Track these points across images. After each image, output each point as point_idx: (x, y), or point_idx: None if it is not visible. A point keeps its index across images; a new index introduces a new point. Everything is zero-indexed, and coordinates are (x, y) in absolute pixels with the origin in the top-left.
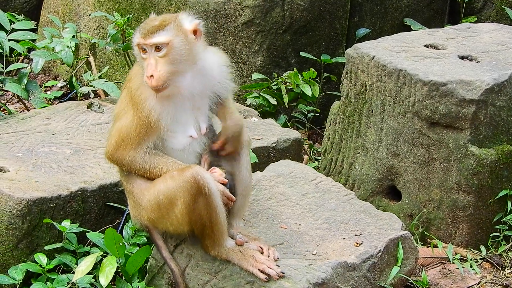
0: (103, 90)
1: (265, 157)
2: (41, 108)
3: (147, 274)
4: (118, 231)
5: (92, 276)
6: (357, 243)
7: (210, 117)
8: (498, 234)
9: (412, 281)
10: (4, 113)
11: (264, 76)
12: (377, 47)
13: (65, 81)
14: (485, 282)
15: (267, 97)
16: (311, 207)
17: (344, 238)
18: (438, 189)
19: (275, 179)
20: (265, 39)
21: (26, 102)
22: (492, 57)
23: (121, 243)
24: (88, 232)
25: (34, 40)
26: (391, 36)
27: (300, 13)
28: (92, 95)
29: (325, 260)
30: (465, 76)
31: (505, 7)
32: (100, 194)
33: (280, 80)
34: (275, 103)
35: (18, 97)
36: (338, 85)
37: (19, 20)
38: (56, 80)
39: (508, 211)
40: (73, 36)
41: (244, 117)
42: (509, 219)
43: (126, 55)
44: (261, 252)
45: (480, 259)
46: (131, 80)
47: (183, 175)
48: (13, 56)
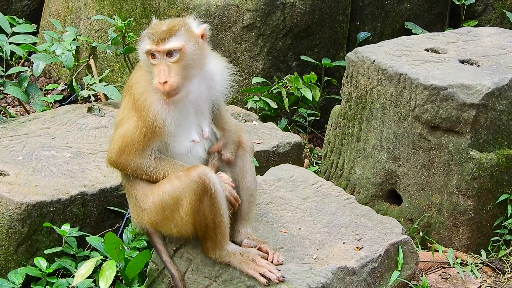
0: (104, 93)
1: (266, 161)
2: (42, 111)
3: (147, 278)
4: (118, 235)
5: (91, 280)
6: (357, 248)
7: (211, 121)
8: (499, 238)
9: (413, 286)
10: (5, 116)
11: (264, 80)
12: (377, 51)
13: (65, 84)
14: (486, 287)
15: (268, 100)
16: (311, 211)
17: (344, 243)
18: (439, 193)
19: (275, 183)
20: (266, 42)
21: (26, 105)
22: (492, 61)
23: (121, 247)
24: (88, 236)
25: (34, 44)
26: (391, 40)
27: (301, 16)
28: (92, 98)
29: (325, 265)
30: (466, 80)
31: (505, 11)
32: (100, 198)
33: (280, 83)
34: (276, 106)
35: (18, 100)
36: (339, 89)
37: (19, 23)
38: (57, 84)
39: (509, 215)
40: (74, 40)
41: (245, 121)
42: (509, 224)
43: (127, 59)
44: (266, 256)
45: (480, 263)
46: (134, 86)
47: (190, 175)
48: (14, 59)
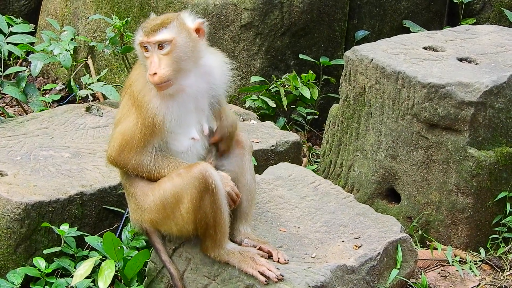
0: (102, 93)
1: (264, 160)
2: (40, 111)
3: (146, 278)
4: (117, 234)
5: (90, 280)
6: (356, 246)
7: (211, 118)
8: (497, 236)
9: (412, 284)
10: (3, 116)
11: (263, 79)
12: (376, 49)
13: (63, 84)
14: (485, 284)
15: (266, 99)
16: (310, 210)
17: (343, 241)
18: (437, 191)
19: (274, 182)
20: (264, 41)
21: (24, 105)
22: (491, 59)
23: (119, 247)
24: (86, 236)
25: (32, 43)
26: (390, 38)
27: (299, 15)
28: (90, 98)
29: (324, 263)
30: (464, 78)
31: (504, 9)
32: (99, 197)
33: (279, 82)
34: (274, 105)
35: (16, 100)
36: (337, 87)
37: (17, 23)
38: (55, 83)
39: (507, 213)
40: (72, 39)
41: (243, 120)
42: (508, 221)
43: (125, 58)
44: (270, 256)
45: (479, 261)
46: (133, 84)
47: (191, 172)
48: (12, 59)
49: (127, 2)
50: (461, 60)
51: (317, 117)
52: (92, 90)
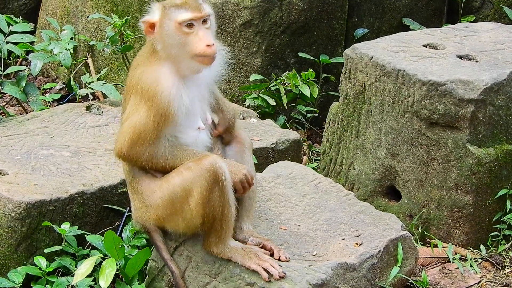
0: (102, 92)
1: (264, 158)
2: (40, 110)
3: (147, 276)
4: (118, 233)
5: (91, 278)
6: (357, 244)
7: (212, 108)
8: (498, 233)
9: (412, 281)
10: (3, 115)
11: (262, 77)
12: (375, 47)
13: (63, 83)
14: (485, 282)
15: (266, 98)
16: (310, 208)
17: (343, 239)
18: (438, 189)
19: (274, 180)
20: (264, 40)
21: (24, 104)
22: (490, 57)
23: (120, 246)
24: (87, 234)
25: (32, 43)
26: (389, 36)
27: (298, 13)
28: (90, 97)
29: (325, 261)
30: (464, 75)
31: (503, 6)
32: (99, 196)
33: (278, 81)
34: (274, 104)
35: (16, 99)
36: (337, 85)
37: (17, 23)
38: (55, 83)
39: (508, 210)
40: (71, 38)
41: (243, 118)
42: (508, 218)
43: (124, 57)
44: (272, 253)
45: (480, 258)
46: (139, 81)
47: (202, 164)
48: (11, 58)
49: (127, 1)
50: (461, 57)
51: (317, 115)
52: (92, 89)
